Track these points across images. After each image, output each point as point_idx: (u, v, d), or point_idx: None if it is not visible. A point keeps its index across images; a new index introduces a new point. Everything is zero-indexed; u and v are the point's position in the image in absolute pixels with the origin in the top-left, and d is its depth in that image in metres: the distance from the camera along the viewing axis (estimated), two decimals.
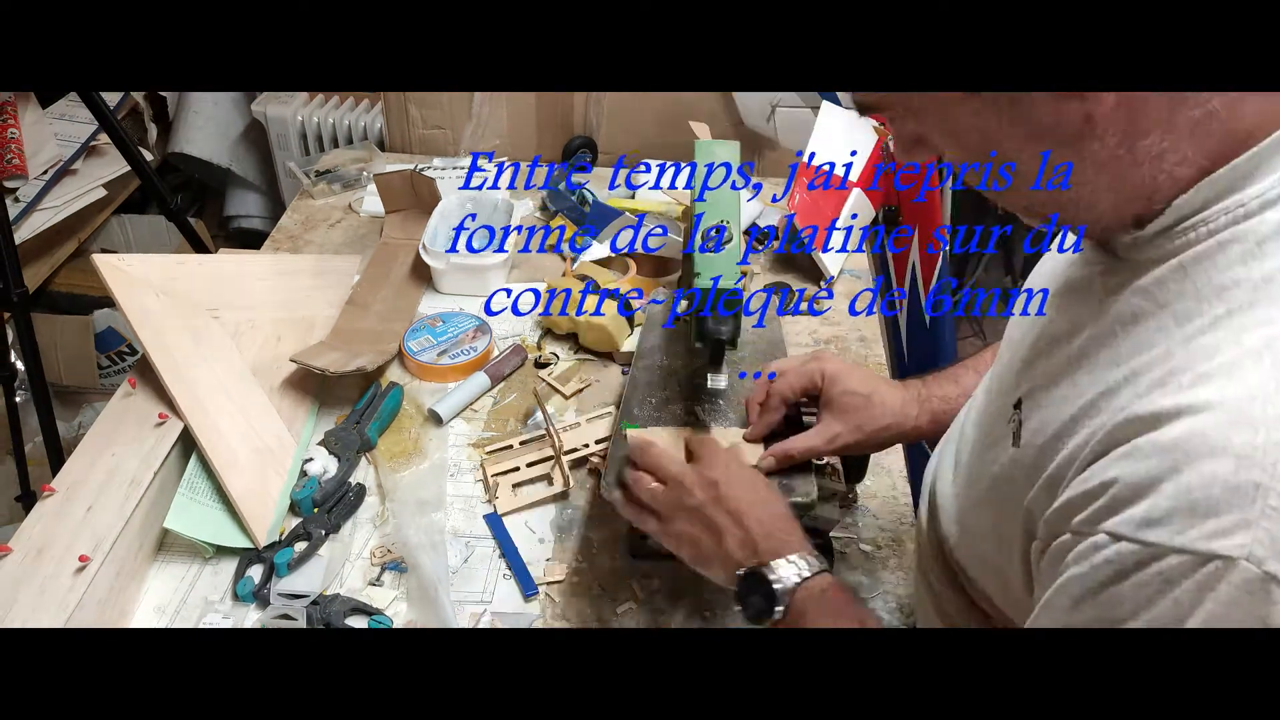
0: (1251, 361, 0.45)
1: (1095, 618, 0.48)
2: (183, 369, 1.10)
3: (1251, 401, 0.44)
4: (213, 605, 0.96)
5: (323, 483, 1.06)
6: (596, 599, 0.97)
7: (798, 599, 0.70)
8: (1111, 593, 0.47)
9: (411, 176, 1.47)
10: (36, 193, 1.97)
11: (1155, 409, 0.47)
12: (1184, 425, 0.45)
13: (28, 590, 0.87)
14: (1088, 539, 0.48)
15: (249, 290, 1.29)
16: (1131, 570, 0.46)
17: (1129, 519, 0.46)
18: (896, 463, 1.14)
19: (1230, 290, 0.48)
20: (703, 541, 0.76)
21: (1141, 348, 0.51)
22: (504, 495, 1.08)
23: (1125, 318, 0.54)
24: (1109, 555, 0.47)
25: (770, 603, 0.70)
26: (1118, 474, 0.47)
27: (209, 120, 2.30)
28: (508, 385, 1.26)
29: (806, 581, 0.70)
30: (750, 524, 0.74)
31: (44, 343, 1.73)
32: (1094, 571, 0.48)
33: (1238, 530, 0.43)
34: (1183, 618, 0.44)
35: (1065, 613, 0.50)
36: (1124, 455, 0.48)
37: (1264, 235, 0.48)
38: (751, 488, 0.77)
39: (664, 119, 1.68)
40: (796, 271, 1.46)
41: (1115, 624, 0.47)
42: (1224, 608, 0.44)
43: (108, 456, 1.02)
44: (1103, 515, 0.48)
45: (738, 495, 0.76)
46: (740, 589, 0.73)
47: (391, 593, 0.98)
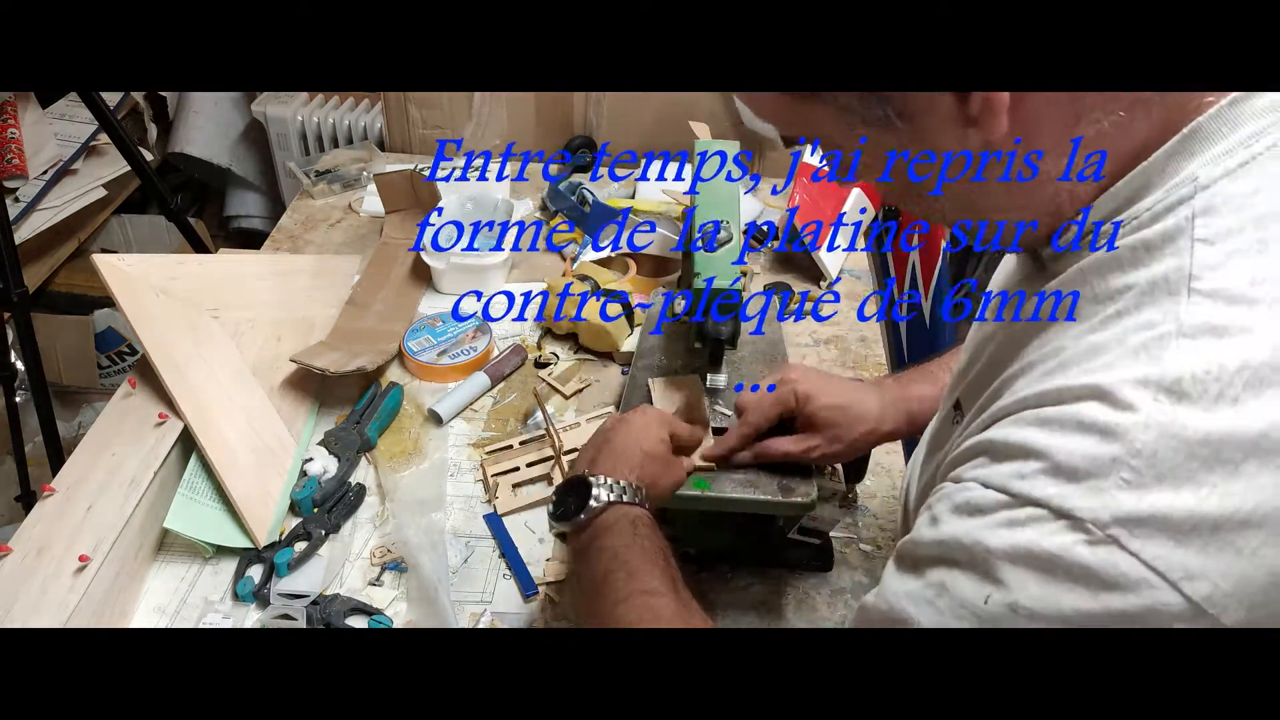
0: (1128, 361, 0.48)
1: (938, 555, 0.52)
2: (183, 369, 1.10)
3: (1120, 388, 0.47)
4: (213, 605, 0.96)
5: (323, 483, 1.06)
6: None
7: (607, 515, 0.74)
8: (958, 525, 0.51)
9: (411, 176, 1.48)
10: (36, 193, 1.97)
11: (1042, 389, 0.51)
12: (1067, 407, 0.49)
13: (28, 590, 0.87)
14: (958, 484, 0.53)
15: (249, 290, 1.29)
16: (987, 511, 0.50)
17: (1000, 471, 0.50)
18: (897, 463, 1.14)
19: (1121, 294, 0.51)
20: (582, 454, 0.82)
21: (1043, 344, 0.55)
22: (504, 495, 1.08)
23: (1041, 315, 0.57)
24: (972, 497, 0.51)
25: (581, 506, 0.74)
26: (999, 436, 0.52)
27: (209, 120, 2.30)
28: (508, 385, 1.26)
29: (624, 505, 0.75)
30: (605, 453, 0.79)
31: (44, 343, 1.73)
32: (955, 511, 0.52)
33: (1090, 495, 0.46)
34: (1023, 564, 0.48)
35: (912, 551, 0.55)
36: (1009, 423, 0.52)
37: (1151, 244, 0.51)
38: (638, 437, 0.81)
39: (664, 119, 1.68)
40: (796, 271, 1.46)
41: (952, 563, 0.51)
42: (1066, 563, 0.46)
43: (108, 456, 1.02)
44: (977, 467, 0.52)
45: (623, 436, 0.81)
46: (562, 489, 0.77)
47: (391, 593, 0.98)
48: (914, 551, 0.54)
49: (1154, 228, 0.51)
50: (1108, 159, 0.52)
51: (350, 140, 2.16)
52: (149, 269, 1.20)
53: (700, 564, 1.00)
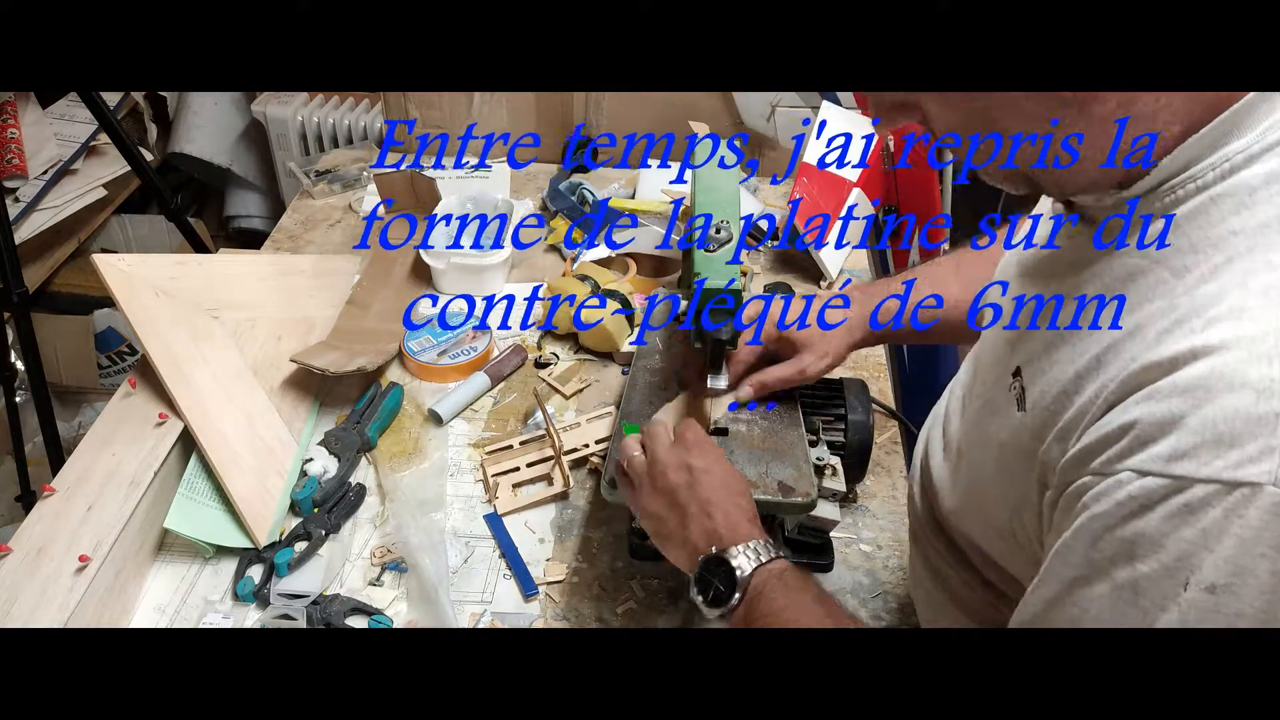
0: (1258, 302, 0.47)
1: (1116, 553, 0.49)
2: (183, 369, 1.10)
3: (1265, 338, 0.46)
4: (213, 605, 0.96)
5: (323, 483, 1.06)
6: (596, 599, 0.97)
7: (755, 582, 0.72)
8: (1135, 526, 0.48)
9: (411, 176, 1.47)
10: (36, 193, 1.97)
11: (1170, 353, 0.49)
12: (1201, 365, 0.47)
13: (28, 590, 0.87)
14: (1109, 478, 0.50)
15: (249, 290, 1.29)
16: (1157, 502, 0.47)
17: (1154, 455, 0.47)
18: (897, 463, 1.14)
19: (1228, 240, 0.50)
20: (668, 521, 0.79)
21: (1141, 302, 0.53)
22: (504, 495, 1.08)
23: (1119, 277, 0.56)
24: (1133, 490, 0.48)
25: (730, 587, 0.72)
26: (1138, 415, 0.49)
27: (209, 120, 2.30)
28: (508, 385, 1.26)
29: (764, 565, 0.73)
30: (717, 514, 0.76)
31: (44, 343, 1.73)
32: (1117, 508, 0.49)
33: (1263, 457, 0.44)
34: (1210, 545, 0.46)
35: (1084, 553, 0.51)
36: (1143, 398, 0.49)
37: (1254, 186, 0.50)
38: (723, 482, 0.79)
39: (664, 119, 1.68)
40: (797, 271, 1.46)
41: (1134, 559, 0.48)
42: (1253, 531, 0.45)
43: (108, 456, 1.02)
44: (1125, 454, 0.49)
45: (709, 485, 0.78)
46: (701, 573, 0.75)
47: (391, 593, 0.98)
48: (1086, 557, 0.51)
49: (1251, 169, 0.50)
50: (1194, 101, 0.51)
51: (350, 140, 2.16)
52: (149, 269, 1.20)
53: None
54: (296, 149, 2.20)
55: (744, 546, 0.73)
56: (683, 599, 0.97)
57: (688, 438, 0.82)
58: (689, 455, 0.80)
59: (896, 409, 1.21)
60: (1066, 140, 0.53)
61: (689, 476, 0.79)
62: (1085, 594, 0.51)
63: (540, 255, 1.51)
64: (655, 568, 1.00)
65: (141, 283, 1.16)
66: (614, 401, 1.21)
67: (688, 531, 0.77)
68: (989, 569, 0.72)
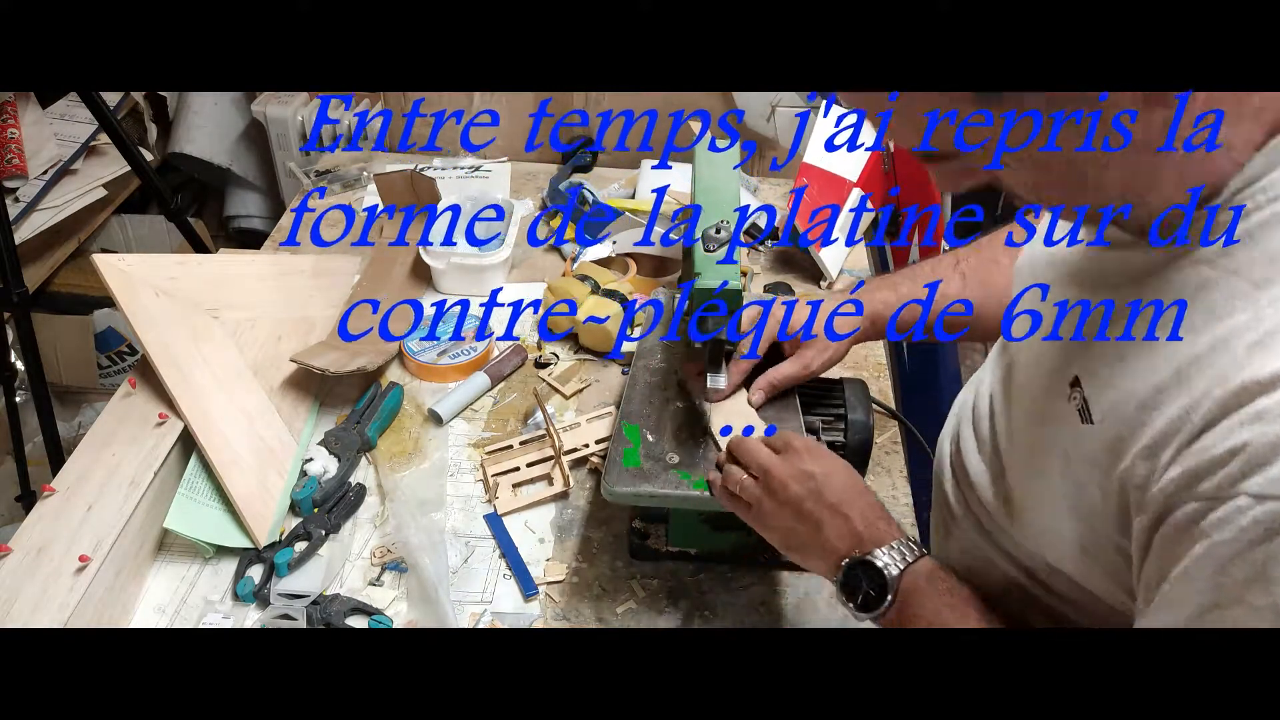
0: None
1: (1247, 577, 0.48)
2: (183, 369, 1.10)
3: None
4: (213, 605, 0.96)
5: (323, 483, 1.06)
6: (596, 599, 0.97)
7: (905, 584, 0.71)
8: (1264, 550, 0.47)
9: (411, 176, 1.47)
10: (36, 193, 1.96)
11: (1270, 371, 0.48)
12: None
13: (28, 590, 0.87)
14: (1226, 504, 0.49)
15: (249, 290, 1.29)
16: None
17: (1272, 478, 0.47)
18: (897, 463, 1.14)
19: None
20: (799, 531, 0.78)
21: (1219, 314, 0.52)
22: (504, 495, 1.08)
23: (1190, 287, 0.55)
24: (1257, 515, 0.47)
25: (881, 591, 0.71)
26: (1247, 437, 0.48)
27: (209, 120, 2.30)
28: (508, 385, 1.26)
29: (911, 565, 0.71)
30: (853, 515, 0.76)
31: (44, 343, 1.73)
32: (1241, 534, 0.48)
33: None
34: None
35: (1210, 580, 0.50)
36: (1251, 420, 0.48)
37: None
38: (847, 483, 0.78)
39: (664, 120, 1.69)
40: (797, 271, 1.46)
41: (1270, 583, 0.47)
42: None
43: (108, 456, 1.02)
44: (1238, 479, 0.48)
45: (837, 488, 0.77)
46: (846, 580, 0.74)
47: (391, 593, 0.98)
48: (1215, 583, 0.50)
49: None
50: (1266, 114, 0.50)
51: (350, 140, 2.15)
52: (149, 269, 1.20)
53: (700, 564, 1.00)
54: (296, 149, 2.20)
55: (888, 548, 0.72)
56: (683, 599, 0.97)
57: (795, 445, 0.81)
58: (804, 462, 0.79)
59: (896, 409, 1.21)
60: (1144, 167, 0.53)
61: (814, 484, 0.78)
62: (1220, 618, 0.50)
63: (540, 255, 1.51)
64: (655, 568, 1.00)
65: (141, 283, 1.16)
66: (614, 401, 1.21)
67: (824, 537, 0.76)
68: (1037, 564, 0.71)
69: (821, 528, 0.76)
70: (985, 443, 0.77)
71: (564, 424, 1.16)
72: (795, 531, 0.78)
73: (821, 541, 0.76)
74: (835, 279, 1.44)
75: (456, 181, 1.65)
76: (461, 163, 1.71)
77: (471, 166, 1.71)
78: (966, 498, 0.79)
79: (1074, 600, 0.68)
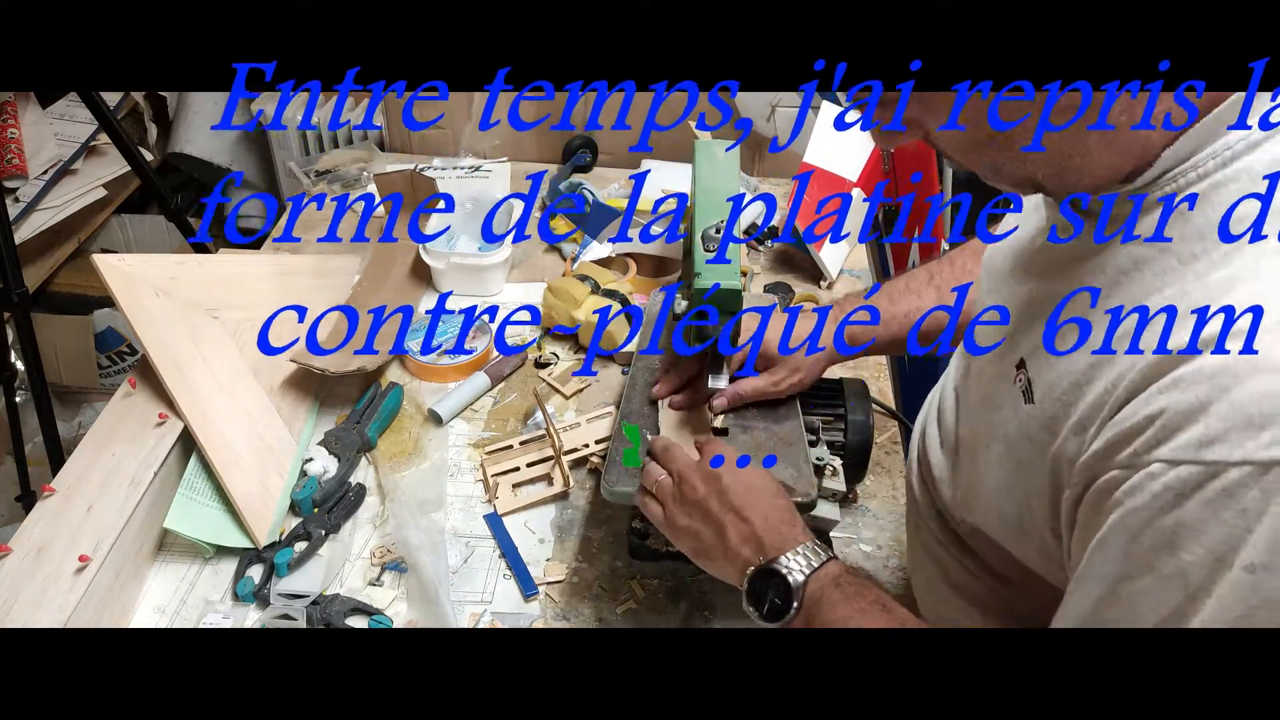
0: (1275, 287, 0.47)
1: (1156, 544, 0.49)
2: (183, 369, 1.10)
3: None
4: (213, 605, 0.96)
5: (323, 483, 1.06)
6: (596, 599, 0.97)
7: (811, 591, 0.70)
8: (1173, 517, 0.48)
9: (411, 176, 1.47)
10: (36, 193, 1.96)
11: (1189, 340, 0.49)
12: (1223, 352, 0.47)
13: (28, 590, 0.87)
14: (1140, 470, 0.49)
15: (249, 290, 1.29)
16: (1193, 491, 0.47)
17: (1185, 443, 0.47)
18: (896, 463, 1.14)
19: (1236, 225, 0.50)
20: (703, 535, 0.77)
21: (1149, 290, 0.53)
22: (504, 495, 1.08)
23: (1124, 266, 0.56)
24: (1168, 481, 0.48)
25: (786, 599, 0.70)
26: (1164, 404, 0.48)
27: (209, 120, 2.30)
28: (508, 385, 1.26)
29: (817, 571, 0.70)
30: (754, 518, 0.74)
31: (44, 343, 1.73)
32: (1153, 500, 0.48)
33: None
34: (1250, 525, 0.46)
35: (1124, 548, 0.50)
36: (1168, 386, 0.49)
37: (1257, 172, 0.50)
38: (753, 485, 0.77)
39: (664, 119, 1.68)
40: (796, 271, 1.46)
41: (1177, 549, 0.48)
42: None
43: (108, 456, 1.01)
44: (1153, 445, 0.49)
45: (740, 491, 0.76)
46: (752, 588, 0.72)
47: (391, 593, 0.98)
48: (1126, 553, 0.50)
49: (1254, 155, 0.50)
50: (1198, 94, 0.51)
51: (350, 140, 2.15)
52: (149, 269, 1.20)
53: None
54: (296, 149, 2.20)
55: (792, 553, 0.71)
56: (683, 599, 0.97)
57: (708, 448, 0.80)
58: (710, 464, 0.78)
59: (896, 409, 1.21)
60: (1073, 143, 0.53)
61: (719, 485, 0.76)
62: (1131, 589, 0.50)
63: (540, 255, 1.51)
64: (655, 568, 1.00)
65: (141, 283, 1.16)
66: (614, 401, 1.21)
67: (727, 542, 0.75)
68: (993, 555, 0.72)
69: (724, 531, 0.75)
70: (949, 434, 0.78)
71: (564, 424, 1.16)
72: (700, 535, 0.77)
73: (725, 546, 0.75)
74: (835, 278, 1.44)
75: (456, 181, 1.65)
76: (461, 163, 1.71)
77: (471, 166, 1.71)
78: (931, 495, 0.80)
79: (1024, 587, 0.69)
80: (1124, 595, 0.51)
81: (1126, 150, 0.54)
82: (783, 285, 1.41)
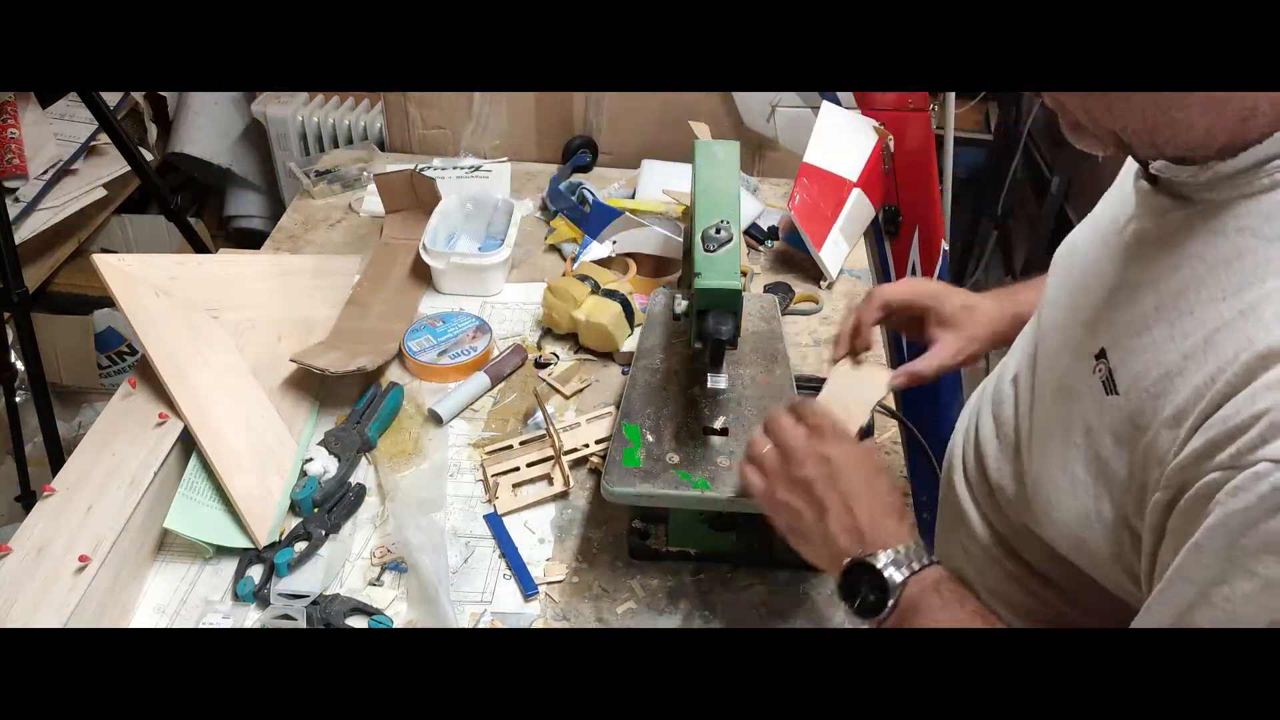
0: None
1: (1260, 547, 0.47)
2: (183, 369, 1.10)
3: None
4: (213, 605, 0.96)
5: (323, 483, 1.06)
6: (596, 599, 0.97)
7: (909, 593, 0.66)
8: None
9: (412, 176, 1.47)
10: (36, 193, 1.97)
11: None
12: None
13: (28, 590, 0.87)
14: (1244, 471, 0.47)
15: (249, 290, 1.29)
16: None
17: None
18: (897, 463, 1.14)
19: None
20: (804, 515, 0.73)
21: (1250, 282, 0.51)
22: (504, 495, 1.08)
23: (1222, 257, 0.53)
24: (1276, 481, 0.46)
25: (882, 596, 0.67)
26: (1270, 402, 0.47)
27: (209, 120, 2.30)
28: (508, 385, 1.26)
29: (918, 574, 0.67)
30: (859, 511, 0.71)
31: (44, 343, 1.73)
32: (1259, 501, 0.46)
33: None
34: None
35: (1221, 552, 0.48)
36: (1274, 385, 0.47)
37: None
38: (866, 473, 0.74)
39: (664, 119, 1.68)
40: (796, 271, 1.46)
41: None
42: None
43: (108, 456, 1.02)
44: (1258, 444, 0.47)
45: (851, 478, 0.73)
46: (846, 581, 0.70)
47: (391, 593, 0.98)
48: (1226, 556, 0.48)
49: None
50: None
51: (350, 140, 2.16)
52: (149, 269, 1.20)
53: (700, 564, 1.00)
54: (296, 149, 2.20)
55: (892, 552, 0.68)
56: (683, 599, 0.97)
57: (824, 427, 0.76)
58: (825, 445, 0.75)
59: (896, 409, 1.21)
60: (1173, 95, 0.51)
61: (828, 468, 0.73)
62: (1228, 594, 0.48)
63: (540, 255, 1.51)
64: (655, 568, 1.00)
65: (141, 283, 1.16)
66: (614, 401, 1.21)
67: (827, 527, 0.71)
68: (1045, 560, 0.69)
69: (826, 515, 0.72)
70: (1006, 423, 0.75)
71: (564, 424, 1.16)
72: (801, 514, 0.74)
73: (824, 530, 0.72)
74: (835, 278, 1.44)
75: (456, 181, 1.65)
76: (461, 163, 1.71)
77: (471, 166, 1.71)
78: (975, 491, 0.77)
79: (1073, 594, 0.67)
80: (1217, 600, 0.49)
81: (1229, 113, 0.51)
82: (783, 285, 1.41)
